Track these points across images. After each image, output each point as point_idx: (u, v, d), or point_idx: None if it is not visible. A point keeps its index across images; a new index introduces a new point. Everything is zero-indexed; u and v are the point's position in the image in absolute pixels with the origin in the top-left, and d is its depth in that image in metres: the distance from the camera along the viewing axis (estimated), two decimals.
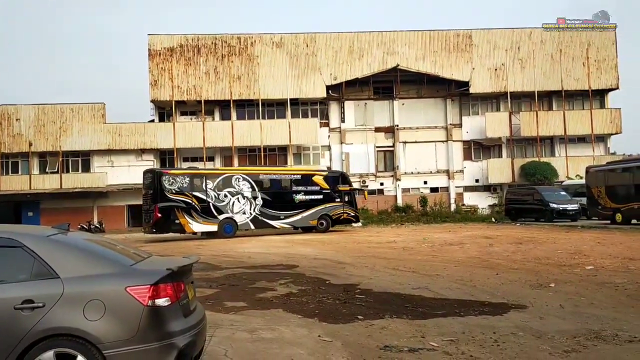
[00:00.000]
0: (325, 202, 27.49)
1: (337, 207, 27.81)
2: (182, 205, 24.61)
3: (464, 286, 9.68)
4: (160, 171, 25.30)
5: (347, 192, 28.38)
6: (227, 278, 11.54)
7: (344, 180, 28.94)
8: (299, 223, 27.08)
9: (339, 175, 29.65)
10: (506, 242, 17.96)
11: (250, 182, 26.15)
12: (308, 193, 27.21)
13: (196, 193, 24.99)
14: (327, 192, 27.66)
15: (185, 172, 26.04)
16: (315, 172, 29.25)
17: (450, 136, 39.87)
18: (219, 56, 38.05)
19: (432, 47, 39.09)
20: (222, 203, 25.47)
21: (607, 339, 5.93)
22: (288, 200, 26.83)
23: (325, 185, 27.71)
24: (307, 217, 27.04)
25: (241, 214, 25.84)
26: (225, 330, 6.62)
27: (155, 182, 24.49)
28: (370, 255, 15.68)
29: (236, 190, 25.80)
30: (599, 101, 40.90)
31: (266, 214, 26.27)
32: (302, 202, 27.05)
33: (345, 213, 28.08)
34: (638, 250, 14.31)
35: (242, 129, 37.63)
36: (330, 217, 27.53)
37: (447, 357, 5.43)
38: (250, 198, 26.03)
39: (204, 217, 25.00)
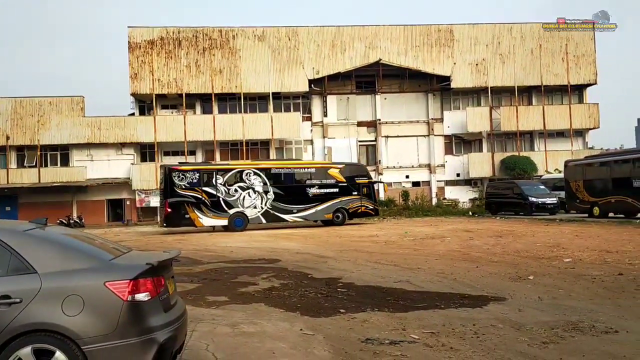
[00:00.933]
0: (342, 195, 27.22)
1: (354, 200, 27.51)
2: (192, 200, 25.11)
3: (444, 279, 9.77)
4: (170, 167, 25.89)
5: (365, 184, 28.01)
6: (209, 272, 11.50)
7: (363, 173, 28.59)
8: (312, 217, 26.99)
9: (358, 167, 29.43)
10: (486, 236, 18.16)
11: (261, 176, 26.21)
12: (323, 186, 27.01)
13: (206, 188, 25.41)
14: (344, 185, 27.35)
15: (194, 167, 26.37)
16: (330, 165, 28.89)
17: (432, 130, 40.12)
18: (200, 49, 37.73)
19: (413, 41, 39.22)
20: (232, 198, 25.71)
21: (584, 330, 6.03)
22: (301, 193, 26.70)
23: (342, 178, 27.42)
24: (322, 210, 26.87)
25: (252, 208, 25.97)
26: (207, 325, 6.60)
27: (166, 178, 25.16)
28: (353, 249, 15.73)
29: (247, 185, 25.96)
30: (578, 96, 41.48)
31: (278, 208, 26.25)
32: (317, 196, 26.86)
33: (363, 206, 27.74)
34: (615, 243, 14.57)
35: (223, 123, 37.42)
36: (346, 210, 27.29)
37: (428, 349, 5.48)
38: (262, 192, 26.07)
39: (214, 211, 25.39)
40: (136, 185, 36.82)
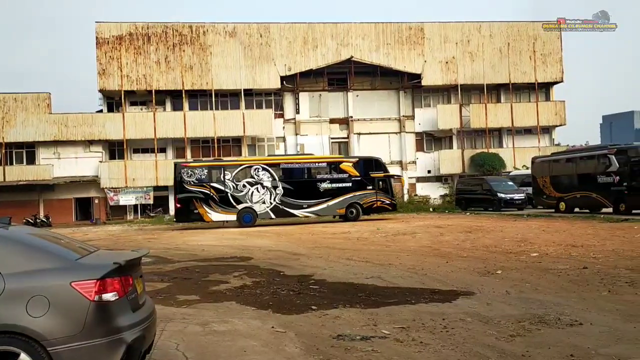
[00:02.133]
0: (355, 190, 26.63)
1: (369, 194, 26.82)
2: (200, 196, 25.62)
3: (415, 274, 9.88)
4: (179, 164, 26.76)
5: (381, 178, 27.19)
6: (180, 271, 11.39)
7: (378, 167, 27.66)
8: (324, 212, 26.72)
9: (372, 161, 28.30)
10: (456, 231, 18.41)
11: (270, 171, 26.17)
12: (334, 181, 26.57)
13: (214, 184, 25.78)
14: (357, 179, 26.75)
15: (202, 164, 27.02)
16: (342, 159, 28.37)
17: (403, 128, 40.46)
18: (170, 45, 37.25)
19: (385, 39, 39.44)
20: (240, 193, 25.85)
21: (549, 323, 6.18)
22: (312, 188, 26.42)
23: (355, 172, 26.82)
24: (334, 205, 26.54)
25: (260, 204, 25.99)
26: (177, 324, 6.54)
27: (176, 175, 26.00)
28: (325, 245, 15.78)
29: (255, 180, 26.00)
30: (545, 94, 42.34)
31: (287, 203, 26.11)
32: (328, 191, 26.45)
33: (379, 201, 26.94)
34: (580, 238, 14.94)
35: (194, 120, 37.04)
36: (360, 205, 26.68)
37: (398, 344, 5.54)
38: (271, 187, 26.03)
39: (222, 206, 25.70)
40: (105, 183, 36.19)
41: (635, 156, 22.34)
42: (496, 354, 5.12)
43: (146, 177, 36.40)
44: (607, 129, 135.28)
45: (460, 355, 5.14)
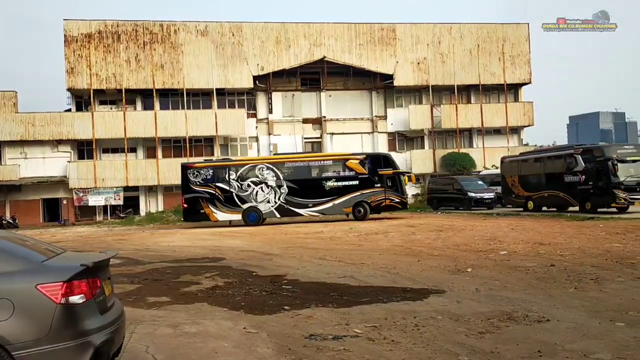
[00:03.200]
0: (362, 188, 25.75)
1: (377, 192, 25.80)
2: (206, 196, 25.78)
3: (387, 273, 9.95)
4: (185, 165, 26.96)
5: (389, 176, 26.01)
6: (150, 273, 11.24)
7: (387, 163, 26.50)
8: (330, 211, 26.07)
9: (381, 157, 27.38)
10: (428, 230, 18.60)
11: (274, 170, 25.90)
12: (340, 179, 25.87)
13: (219, 184, 25.83)
14: (365, 176, 25.86)
15: (208, 164, 27.09)
16: (349, 156, 27.24)
17: (376, 128, 40.70)
18: (141, 43, 36.72)
19: (357, 39, 39.62)
20: (245, 192, 25.80)
21: (518, 320, 6.30)
22: (317, 187, 25.86)
23: (362, 169, 25.95)
24: (340, 204, 25.81)
25: (265, 203, 25.81)
26: (147, 327, 6.45)
27: (183, 175, 26.18)
28: (298, 245, 15.77)
29: (260, 180, 25.83)
30: (513, 95, 43.09)
31: (292, 202, 25.77)
32: (334, 189, 25.78)
33: (388, 199, 25.83)
34: (547, 236, 15.26)
35: (166, 119, 36.59)
36: (368, 203, 25.73)
37: (370, 343, 5.58)
38: (275, 187, 25.76)
39: (227, 206, 25.79)
40: (73, 184, 35.47)
41: (600, 156, 22.92)
42: (466, 351, 5.20)
43: (116, 177, 35.82)
44: (573, 129, 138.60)
45: (430, 352, 5.20)
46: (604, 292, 7.70)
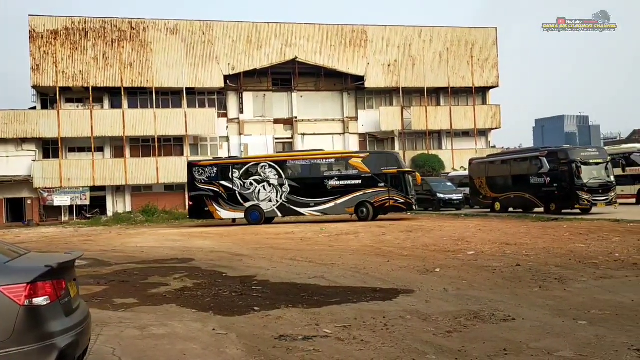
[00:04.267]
0: (365, 188, 24.69)
1: (381, 192, 24.67)
2: (210, 194, 25.77)
3: (357, 274, 10.00)
4: (190, 162, 27.22)
5: (394, 175, 24.77)
6: (117, 274, 11.05)
7: (391, 162, 25.35)
8: (331, 211, 25.26)
9: (385, 156, 26.58)
10: (397, 231, 18.76)
11: (276, 169, 25.47)
12: (343, 178, 25.00)
13: (223, 182, 25.72)
14: (368, 176, 24.77)
15: (212, 162, 27.23)
16: (352, 154, 26.63)
17: (347, 129, 40.88)
18: (109, 41, 36.08)
19: (329, 41, 39.73)
20: (247, 191, 25.58)
21: (484, 319, 6.41)
22: (318, 186, 25.10)
23: (365, 168, 24.88)
24: (342, 204, 24.93)
25: (267, 202, 25.45)
26: (114, 329, 6.34)
27: (188, 173, 26.33)
28: (269, 246, 15.71)
29: (262, 178, 25.50)
30: (482, 98, 43.84)
31: (294, 202, 25.21)
32: (336, 188, 24.93)
33: (392, 199, 24.60)
34: (513, 236, 15.57)
35: (134, 118, 36.03)
36: (371, 204, 24.66)
37: (340, 343, 5.60)
38: (277, 185, 25.34)
39: (230, 204, 25.66)
40: (38, 183, 34.62)
41: (565, 158, 23.49)
42: (434, 350, 5.27)
43: (82, 177, 35.09)
44: (539, 132, 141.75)
45: (399, 352, 5.25)
46: (568, 291, 7.90)
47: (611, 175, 23.82)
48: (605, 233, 15.39)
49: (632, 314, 6.37)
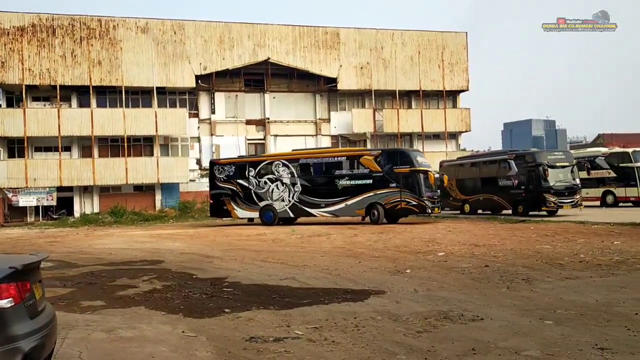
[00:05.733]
0: (376, 188, 22.83)
1: (392, 193, 22.63)
2: (229, 193, 25.61)
3: (329, 275, 10.02)
4: (212, 161, 27.28)
5: (406, 174, 22.60)
6: (84, 276, 10.84)
7: (404, 160, 22.99)
8: (342, 212, 23.76)
9: (397, 154, 24.14)
10: (369, 232, 18.87)
11: (289, 167, 24.69)
12: (354, 177, 23.39)
13: (240, 181, 25.44)
14: (379, 175, 22.91)
15: (230, 160, 26.96)
16: (363, 151, 25.06)
17: (320, 130, 40.92)
18: (77, 39, 35.35)
19: (302, 42, 39.73)
20: (262, 190, 25.05)
21: (454, 319, 6.49)
22: (330, 186, 23.79)
23: (377, 167, 23.06)
24: (353, 205, 23.32)
25: (280, 202, 24.72)
26: (80, 331, 6.22)
27: (209, 171, 26.40)
28: (240, 248, 15.62)
29: (275, 177, 24.84)
30: (452, 101, 44.42)
31: (305, 202, 24.18)
32: (347, 188, 23.42)
33: (404, 201, 22.44)
34: (482, 238, 15.83)
35: (103, 118, 35.34)
36: (382, 205, 22.72)
37: (311, 344, 5.60)
38: (289, 184, 24.50)
39: (246, 204, 25.33)
40: (3, 183, 33.66)
41: (532, 161, 24.02)
42: (404, 350, 5.31)
43: (49, 177, 34.26)
44: (507, 135, 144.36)
45: (370, 352, 5.27)
46: (534, 291, 8.06)
47: (577, 178, 24.47)
48: (571, 234, 15.78)
49: (596, 314, 6.54)
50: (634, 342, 5.35)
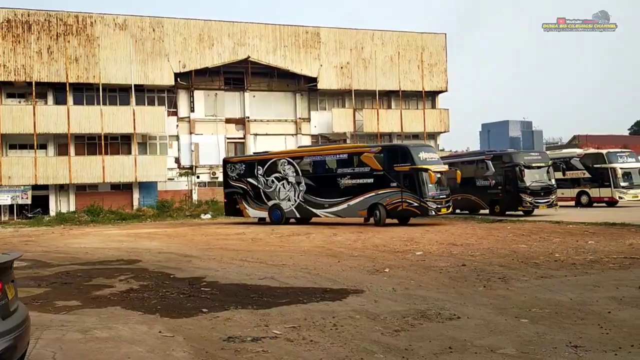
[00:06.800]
0: (377, 188, 21.35)
1: (393, 193, 21.03)
2: (240, 191, 25.41)
3: (308, 274, 10.02)
4: (225, 159, 26.99)
5: (406, 172, 20.93)
6: (60, 276, 10.67)
7: (404, 158, 21.19)
8: (344, 213, 22.44)
9: (398, 150, 22.17)
10: (348, 232, 18.92)
11: (294, 165, 23.85)
12: (355, 176, 22.04)
13: (250, 179, 25.14)
14: (380, 173, 21.42)
15: (241, 159, 26.74)
16: (364, 148, 23.21)
17: (300, 130, 40.88)
18: (54, 35, 34.75)
19: (282, 41, 39.64)
20: (270, 189, 24.54)
21: (431, 318, 6.55)
22: (333, 185, 22.59)
23: (377, 165, 21.57)
24: (354, 206, 21.96)
25: (286, 201, 24.02)
26: (54, 332, 6.12)
27: (223, 170, 26.22)
28: (219, 247, 15.54)
29: (282, 175, 24.17)
30: (431, 102, 44.75)
31: (310, 202, 23.19)
32: (349, 188, 22.14)
33: (405, 202, 20.73)
34: (460, 237, 15.99)
35: (79, 115, 34.80)
36: (384, 206, 21.17)
37: (289, 344, 5.59)
38: (295, 183, 23.71)
39: (256, 203, 24.96)
40: None
41: (509, 162, 24.33)
42: (382, 349, 5.34)
43: (24, 175, 33.62)
44: (485, 136, 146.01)
45: (348, 351, 5.29)
46: (510, 290, 8.17)
47: (552, 179, 24.86)
48: (546, 234, 16.03)
49: (570, 312, 6.65)
50: (607, 340, 5.45)
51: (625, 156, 29.59)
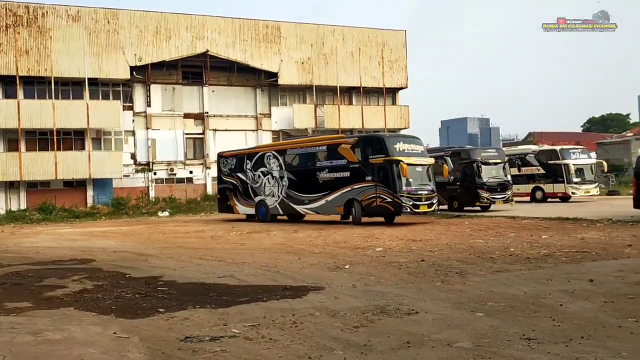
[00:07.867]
0: (353, 182, 19.93)
1: (368, 188, 19.49)
2: (230, 187, 25.00)
3: (268, 272, 9.96)
4: (220, 153, 26.32)
5: (380, 165, 19.29)
6: (9, 276, 10.29)
7: (379, 148, 19.54)
8: (323, 209, 21.16)
9: (373, 141, 20.39)
10: (309, 229, 18.93)
11: (278, 159, 22.96)
12: (332, 169, 20.76)
13: (239, 174, 24.68)
14: (355, 166, 19.97)
15: (233, 153, 26.00)
16: (341, 139, 21.74)
17: (260, 125, 40.60)
18: (3, 26, 33.39)
19: (242, 35, 39.23)
20: (257, 184, 23.84)
21: (390, 313, 6.60)
22: (312, 179, 21.39)
23: (353, 157, 20.15)
24: (332, 201, 20.59)
25: (271, 197, 23.16)
26: (4, 334, 5.89)
27: (217, 165, 25.75)
28: (177, 245, 15.29)
29: (267, 170, 23.38)
30: (392, 98, 45.20)
31: (291, 197, 22.18)
32: (327, 182, 20.86)
33: (379, 197, 19.19)
34: (419, 233, 16.23)
35: (30, 109, 33.57)
36: (359, 202, 19.72)
37: (248, 342, 5.54)
38: (278, 178, 22.77)
39: (245, 199, 24.42)
40: None
41: (467, 158, 24.82)
42: (341, 345, 5.34)
43: None
44: (444, 132, 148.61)
45: (307, 349, 5.27)
46: (467, 284, 8.32)
47: (508, 175, 25.51)
48: (502, 229, 16.44)
49: (524, 306, 6.82)
50: (559, 332, 5.61)
51: (578, 153, 30.59)
